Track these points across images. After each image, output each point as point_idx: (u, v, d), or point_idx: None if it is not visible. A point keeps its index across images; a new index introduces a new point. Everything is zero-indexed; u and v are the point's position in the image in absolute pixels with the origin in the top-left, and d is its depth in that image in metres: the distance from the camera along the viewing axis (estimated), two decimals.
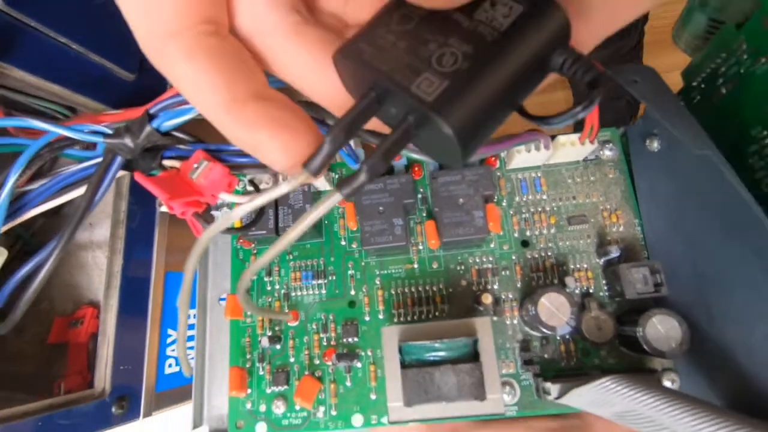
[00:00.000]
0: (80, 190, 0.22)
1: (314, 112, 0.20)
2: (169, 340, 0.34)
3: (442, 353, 0.23)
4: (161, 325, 0.34)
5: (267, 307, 0.28)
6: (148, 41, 0.12)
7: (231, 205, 0.28)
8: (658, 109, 0.19)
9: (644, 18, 0.77)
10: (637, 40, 0.83)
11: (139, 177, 0.18)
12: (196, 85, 0.12)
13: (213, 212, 0.29)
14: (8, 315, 0.21)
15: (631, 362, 0.25)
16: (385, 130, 0.14)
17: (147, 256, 0.33)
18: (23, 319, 0.22)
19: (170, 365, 0.34)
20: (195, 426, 0.28)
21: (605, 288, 0.26)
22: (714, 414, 0.17)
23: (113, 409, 0.30)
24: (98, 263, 0.33)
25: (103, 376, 0.31)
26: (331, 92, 0.13)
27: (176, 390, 0.34)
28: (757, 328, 0.19)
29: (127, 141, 0.20)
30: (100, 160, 0.21)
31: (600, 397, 0.21)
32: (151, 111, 0.20)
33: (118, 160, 0.20)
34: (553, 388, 0.23)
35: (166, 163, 0.21)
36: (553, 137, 0.26)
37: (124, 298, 0.32)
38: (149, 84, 0.31)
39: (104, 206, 0.32)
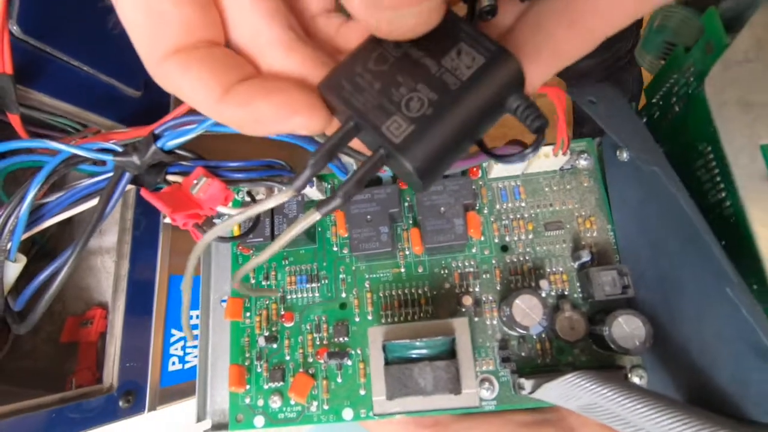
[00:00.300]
0: (92, 202, 0.24)
1: None
2: (172, 339, 0.37)
3: (423, 351, 0.25)
4: (165, 325, 0.36)
5: (258, 288, 0.30)
6: (149, 60, 0.13)
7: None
8: (612, 128, 0.21)
9: (639, 21, 0.78)
10: (634, 42, 0.84)
11: (145, 193, 0.20)
12: (193, 90, 0.13)
13: (215, 220, 0.31)
14: (27, 316, 0.23)
15: (603, 359, 0.27)
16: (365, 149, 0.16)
17: (152, 261, 0.35)
18: (38, 319, 0.24)
19: (173, 363, 0.36)
20: (199, 419, 0.30)
21: (579, 290, 0.28)
22: (664, 406, 0.19)
23: (120, 404, 0.32)
24: (107, 267, 0.35)
25: (111, 373, 0.33)
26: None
27: (179, 386, 0.36)
28: (707, 327, 0.20)
29: (135, 159, 0.22)
30: (110, 174, 0.23)
31: (566, 391, 0.23)
32: (156, 131, 0.22)
33: (127, 175, 0.23)
34: (527, 384, 0.25)
35: (170, 178, 0.23)
36: None
37: (130, 300, 0.34)
38: (154, 100, 0.33)
39: (112, 215, 0.34)
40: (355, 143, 0.16)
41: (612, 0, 0.13)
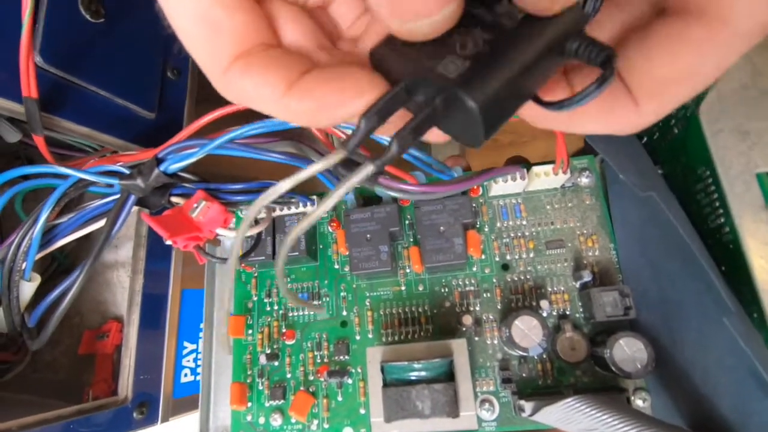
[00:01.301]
0: (101, 223, 0.26)
1: None
2: (184, 352, 0.38)
3: (421, 373, 0.25)
4: (178, 338, 0.37)
5: (306, 301, 0.30)
6: (214, 72, 0.14)
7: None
8: (608, 154, 0.20)
9: None
10: None
11: (145, 217, 0.21)
12: (257, 89, 0.13)
13: (219, 237, 0.32)
14: (40, 333, 0.25)
15: (605, 381, 0.26)
16: None
17: (165, 276, 0.36)
18: (58, 332, 0.26)
19: (185, 375, 0.37)
20: None
21: (580, 310, 0.27)
22: None
23: (134, 415, 0.33)
24: (122, 282, 0.36)
25: (126, 384, 0.34)
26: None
27: (190, 398, 0.37)
28: (709, 353, 0.20)
29: (139, 182, 0.23)
30: (117, 197, 0.25)
31: (566, 415, 0.22)
32: (160, 155, 0.23)
33: (132, 198, 0.24)
34: (527, 406, 0.25)
35: (174, 199, 0.24)
36: (528, 168, 0.28)
37: (144, 314, 0.35)
38: (166, 120, 0.34)
39: (127, 230, 0.35)
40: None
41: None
